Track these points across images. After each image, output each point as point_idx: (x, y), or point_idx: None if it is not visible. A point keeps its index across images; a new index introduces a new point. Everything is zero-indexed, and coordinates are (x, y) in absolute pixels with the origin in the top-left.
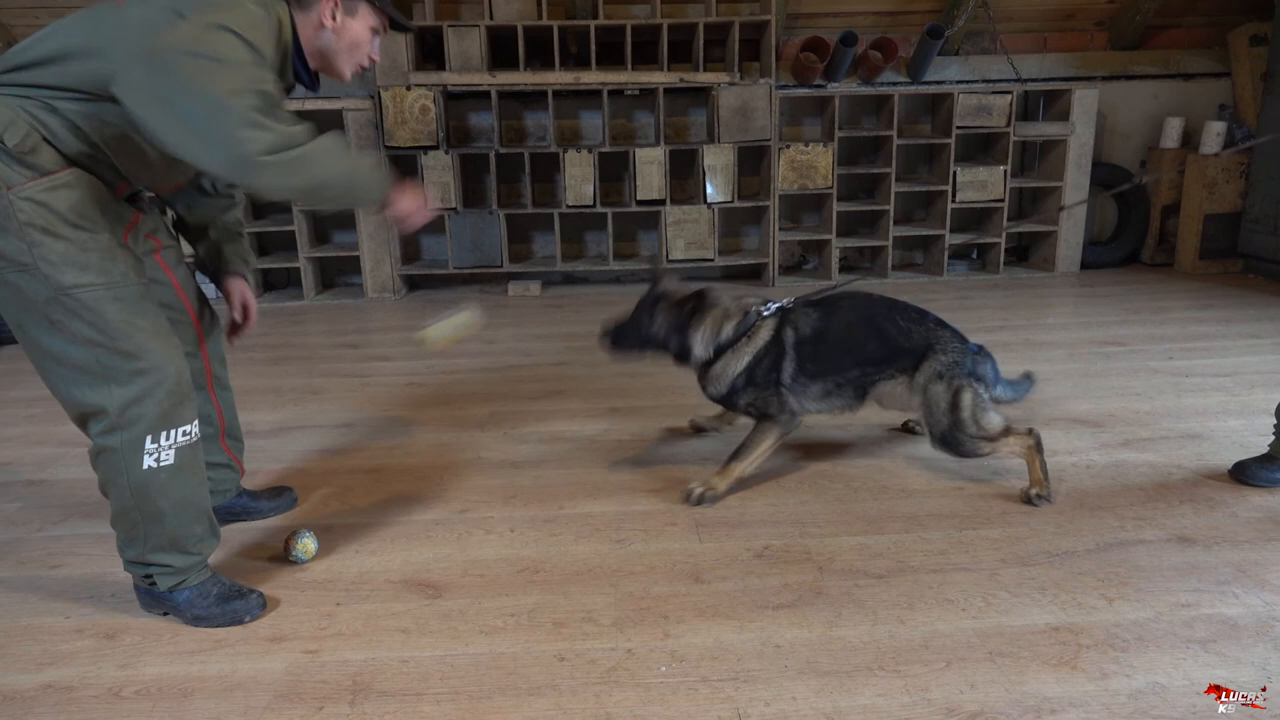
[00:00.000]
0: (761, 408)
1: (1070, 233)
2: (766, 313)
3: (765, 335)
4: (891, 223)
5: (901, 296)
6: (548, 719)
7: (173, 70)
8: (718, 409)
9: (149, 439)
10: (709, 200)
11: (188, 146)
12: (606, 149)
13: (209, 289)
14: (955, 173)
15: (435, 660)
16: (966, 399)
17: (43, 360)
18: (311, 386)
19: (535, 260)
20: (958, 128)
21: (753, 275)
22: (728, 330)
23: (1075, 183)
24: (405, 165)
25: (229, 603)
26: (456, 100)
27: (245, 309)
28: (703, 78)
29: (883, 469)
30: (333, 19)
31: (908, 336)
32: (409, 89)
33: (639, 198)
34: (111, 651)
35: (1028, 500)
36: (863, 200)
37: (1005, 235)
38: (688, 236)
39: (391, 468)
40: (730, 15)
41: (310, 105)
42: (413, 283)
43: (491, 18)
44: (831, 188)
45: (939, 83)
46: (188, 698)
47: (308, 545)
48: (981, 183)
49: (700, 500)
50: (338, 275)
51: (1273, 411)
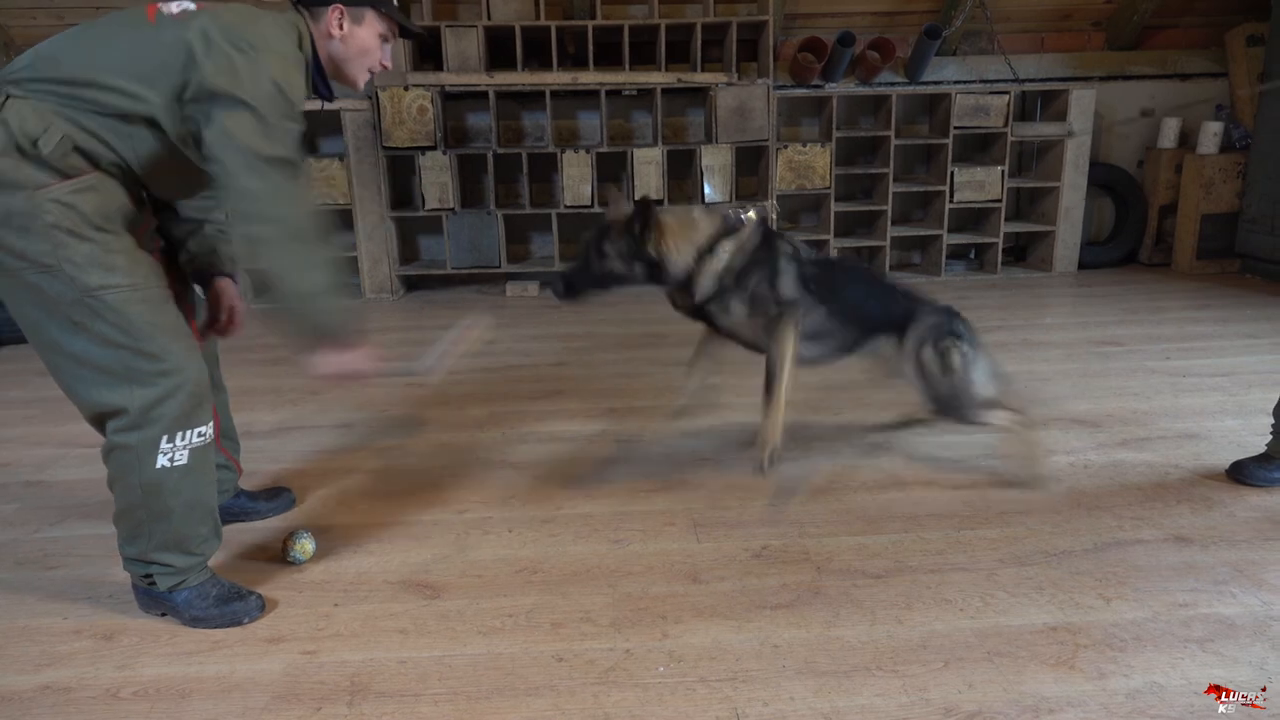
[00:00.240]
0: (761, 305)
1: (1068, 233)
2: (745, 216)
3: (754, 239)
4: (889, 223)
5: None
6: (546, 719)
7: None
8: (695, 377)
9: (165, 439)
10: (707, 200)
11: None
12: (604, 149)
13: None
14: (953, 173)
15: (433, 661)
16: (956, 358)
17: (62, 361)
18: (310, 387)
19: (533, 260)
20: (955, 128)
21: None
22: (704, 233)
23: (1073, 183)
24: (403, 165)
25: (228, 604)
26: (454, 100)
27: (232, 311)
28: (700, 78)
29: (880, 469)
30: (340, 28)
31: (895, 300)
32: (406, 89)
33: (637, 198)
34: (109, 652)
35: (1025, 483)
36: (860, 200)
37: (1003, 235)
38: None
39: (390, 468)
40: (728, 16)
41: (307, 106)
42: (410, 283)
43: (489, 18)
44: (829, 188)
45: (936, 83)
46: (186, 699)
47: (305, 546)
48: (979, 183)
49: (772, 462)
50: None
51: (1270, 411)
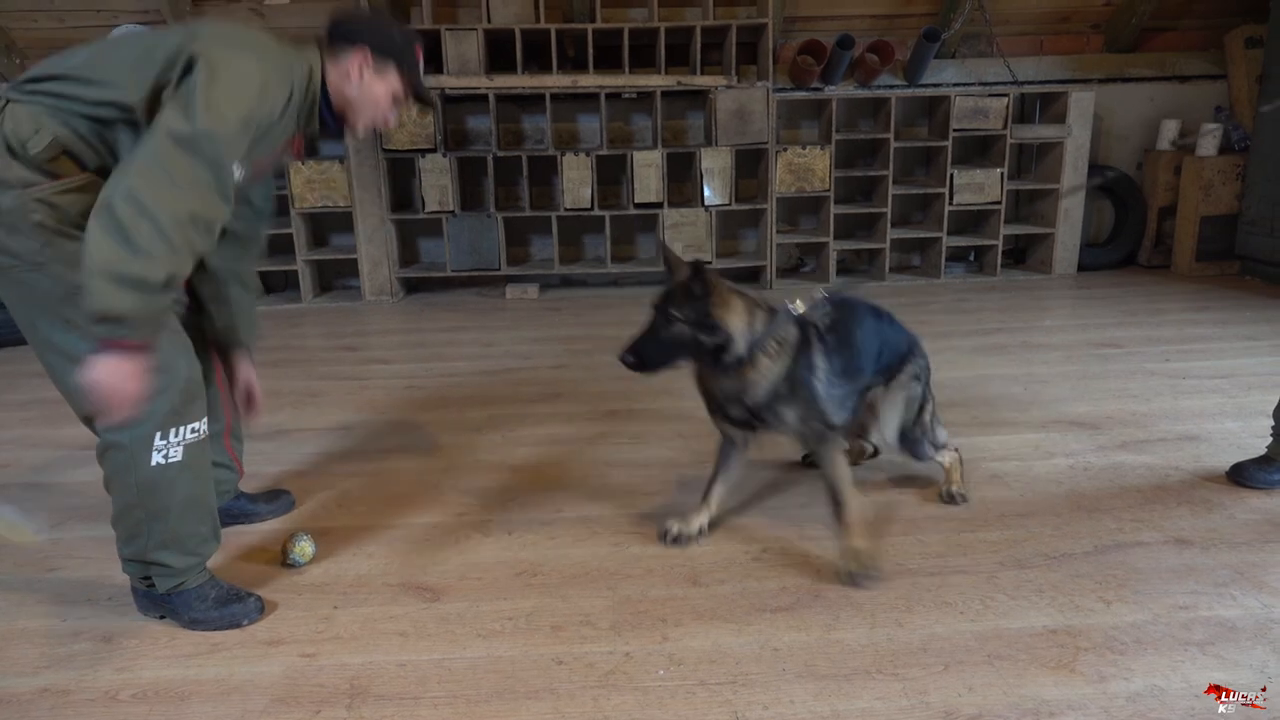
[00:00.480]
0: (810, 422)
1: (1067, 235)
2: (795, 311)
3: (796, 333)
4: (889, 225)
5: (899, 299)
6: None
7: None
8: (716, 498)
9: (158, 435)
10: (706, 203)
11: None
12: (604, 152)
13: None
14: (952, 175)
15: (433, 664)
16: (929, 404)
17: (55, 358)
18: (310, 389)
19: (533, 263)
20: (954, 130)
21: (750, 278)
22: (759, 324)
23: (1072, 185)
24: (404, 168)
25: (227, 606)
26: (454, 103)
27: (250, 393)
28: (700, 81)
29: (880, 471)
30: (360, 75)
31: (896, 340)
32: None
33: (637, 200)
34: (108, 655)
35: (949, 498)
36: (860, 203)
37: (1002, 237)
38: (685, 239)
39: (389, 471)
40: (727, 18)
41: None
42: (410, 285)
43: (489, 21)
44: (829, 190)
45: (936, 85)
46: (185, 701)
47: (305, 548)
48: (979, 185)
49: (864, 576)
50: (335, 278)
51: (1270, 413)
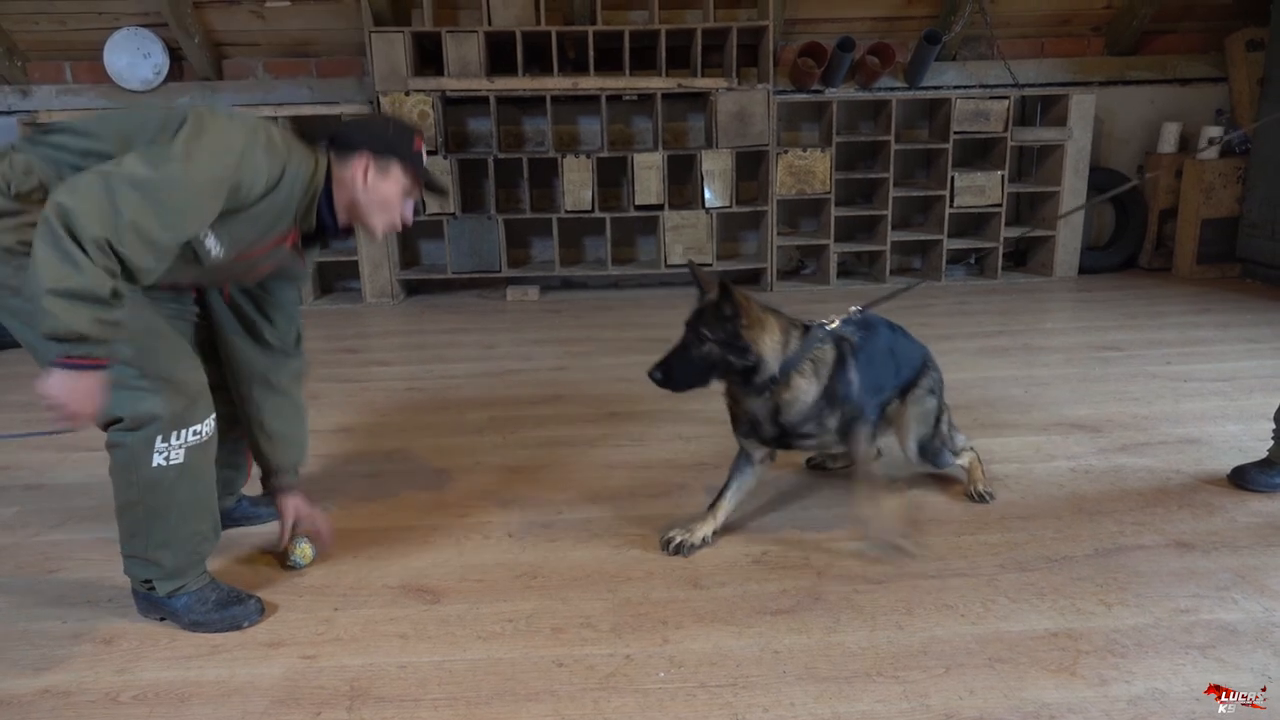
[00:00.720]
0: (848, 425)
1: (1068, 238)
2: (830, 326)
3: (833, 353)
4: (889, 228)
5: (901, 301)
6: None
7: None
8: (710, 523)
9: (159, 439)
10: (707, 205)
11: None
12: (605, 154)
13: None
14: (953, 178)
15: (433, 666)
16: (945, 413)
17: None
18: (310, 391)
19: (534, 265)
20: (955, 133)
21: (751, 280)
22: (793, 344)
23: (1073, 188)
24: None
25: (227, 608)
26: (455, 106)
27: (316, 531)
28: (701, 83)
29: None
30: (365, 179)
31: (912, 354)
32: (408, 94)
33: (637, 203)
34: (109, 656)
35: (978, 497)
36: (861, 205)
37: (1003, 240)
38: (686, 241)
39: (390, 472)
40: (728, 21)
41: (308, 111)
42: (411, 288)
43: (490, 23)
44: (829, 193)
45: (936, 88)
46: (185, 703)
47: (305, 550)
48: (979, 188)
49: (910, 554)
50: (336, 280)
51: (1271, 416)
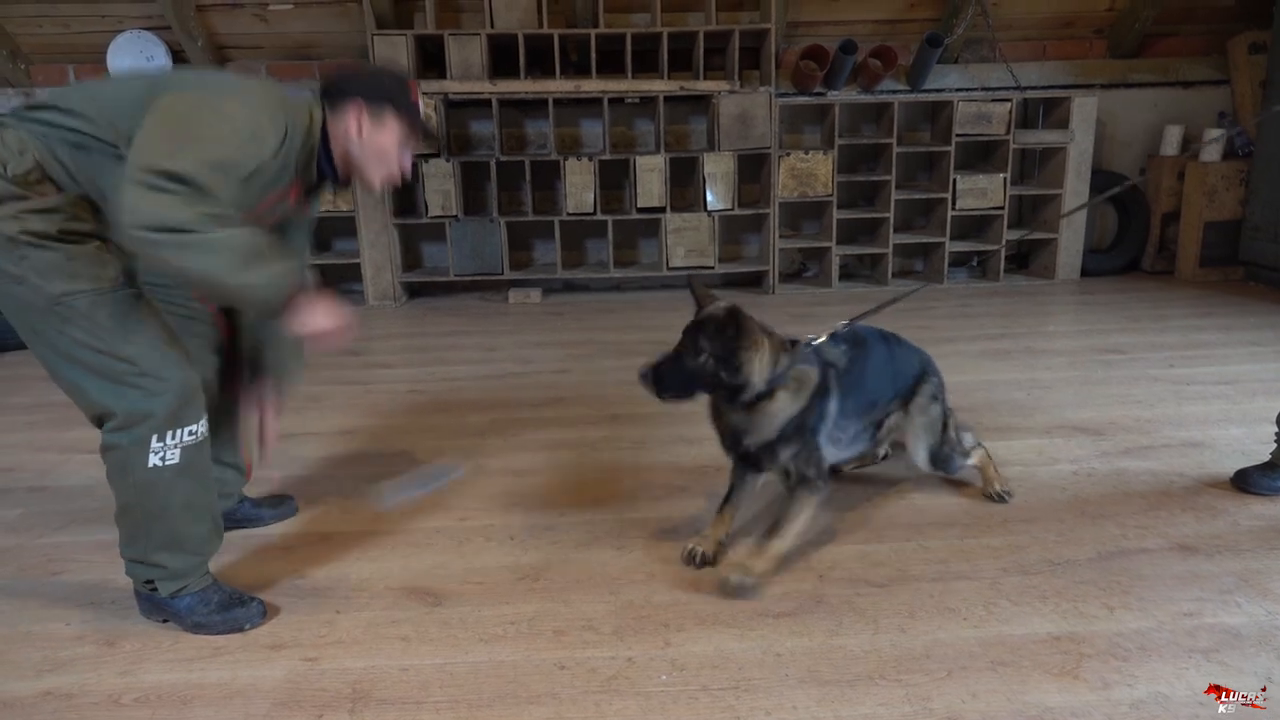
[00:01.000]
0: (802, 467)
1: (1070, 240)
2: (816, 343)
3: (816, 376)
4: (891, 230)
5: (902, 304)
6: None
7: (155, 112)
8: (722, 526)
9: (154, 438)
10: (709, 208)
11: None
12: (607, 157)
13: None
14: (955, 180)
15: (435, 668)
16: (951, 419)
17: (58, 363)
18: (312, 394)
19: (536, 268)
20: (957, 135)
21: (753, 283)
22: (782, 363)
23: (1075, 190)
24: None
25: (229, 610)
26: (458, 108)
27: (264, 434)
28: (703, 86)
29: (882, 477)
30: (359, 130)
31: (909, 362)
32: None
33: (639, 205)
34: (111, 658)
35: (998, 498)
36: (863, 208)
37: (1005, 242)
38: (688, 244)
39: (392, 475)
40: (730, 23)
41: None
42: (413, 290)
43: (492, 26)
44: (831, 195)
45: (938, 90)
46: (187, 705)
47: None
48: (981, 190)
49: (740, 589)
50: (338, 282)
51: (1274, 419)
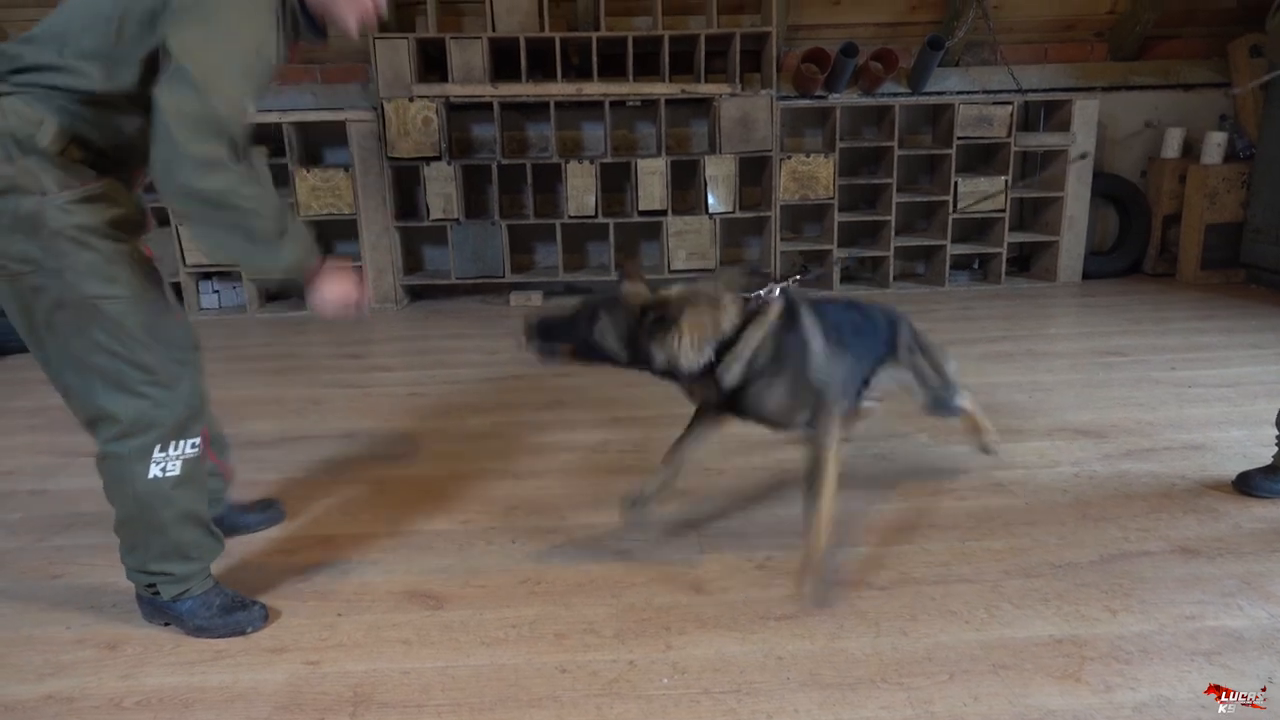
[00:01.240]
0: (799, 391)
1: (1071, 243)
2: (772, 295)
3: (780, 318)
4: (893, 233)
5: (904, 307)
6: None
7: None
8: (667, 471)
9: (158, 448)
10: (710, 211)
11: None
12: (608, 160)
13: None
14: (956, 183)
15: (436, 671)
16: (932, 354)
17: (63, 362)
18: (313, 396)
19: (537, 270)
20: (958, 138)
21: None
22: (729, 323)
23: (1076, 193)
24: (408, 176)
25: (231, 614)
26: (459, 112)
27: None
28: (704, 89)
29: (883, 480)
30: None
31: (877, 320)
32: (411, 100)
33: (641, 208)
34: (113, 662)
35: (987, 450)
36: (864, 210)
37: (1006, 245)
38: (689, 247)
39: (393, 478)
40: (731, 27)
41: (313, 117)
42: (415, 293)
43: (494, 29)
44: (833, 198)
45: (939, 93)
46: (189, 708)
47: None
48: (983, 193)
49: (818, 595)
50: None
51: (1275, 422)
